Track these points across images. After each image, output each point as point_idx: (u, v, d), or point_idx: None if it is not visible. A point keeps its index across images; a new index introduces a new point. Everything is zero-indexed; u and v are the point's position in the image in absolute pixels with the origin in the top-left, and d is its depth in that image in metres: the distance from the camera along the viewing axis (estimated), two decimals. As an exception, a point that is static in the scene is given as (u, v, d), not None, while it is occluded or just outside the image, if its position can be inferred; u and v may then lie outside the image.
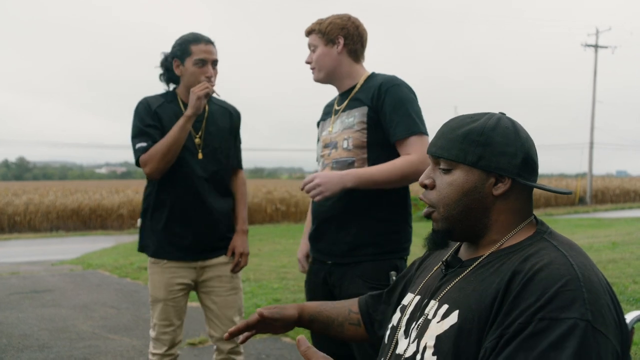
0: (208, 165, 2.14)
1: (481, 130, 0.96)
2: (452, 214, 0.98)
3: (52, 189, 22.91)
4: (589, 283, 0.83)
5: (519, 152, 0.95)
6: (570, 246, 0.92)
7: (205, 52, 2.09)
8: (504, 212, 0.97)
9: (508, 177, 0.95)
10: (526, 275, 0.85)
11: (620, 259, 6.80)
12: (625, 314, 1.06)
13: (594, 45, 27.14)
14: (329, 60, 1.92)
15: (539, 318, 0.80)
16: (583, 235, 10.40)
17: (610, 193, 29.00)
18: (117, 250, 10.11)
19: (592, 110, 27.20)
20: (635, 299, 4.48)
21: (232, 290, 2.22)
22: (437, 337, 0.92)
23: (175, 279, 2.13)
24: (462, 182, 0.97)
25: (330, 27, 1.90)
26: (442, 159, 0.99)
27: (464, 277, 0.97)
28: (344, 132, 1.86)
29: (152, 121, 2.08)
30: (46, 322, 4.38)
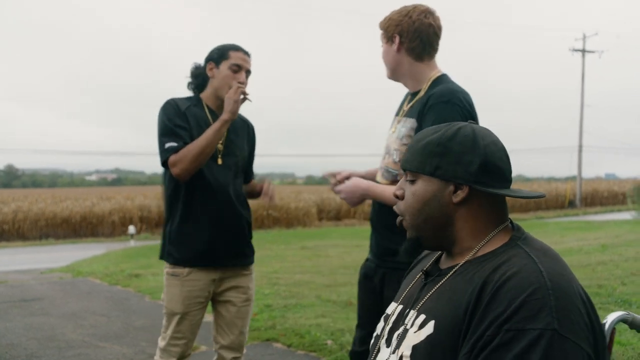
0: (227, 171, 2.13)
1: (438, 141, 1.00)
2: (417, 222, 1.02)
3: (42, 196, 22.71)
4: (558, 290, 0.84)
5: (476, 159, 0.97)
6: (543, 252, 0.93)
7: (243, 60, 2.12)
8: (469, 219, 0.99)
9: (465, 185, 0.97)
10: (495, 285, 0.87)
11: (610, 261, 6.86)
12: (610, 315, 1.07)
13: (582, 50, 27.45)
14: (389, 59, 1.84)
15: (505, 329, 0.82)
16: (573, 238, 10.48)
17: (599, 196, 29.27)
18: (107, 257, 10.03)
19: (581, 113, 27.48)
20: (624, 300, 4.52)
21: (247, 302, 2.21)
22: (413, 347, 0.93)
23: (194, 292, 2.09)
24: (422, 192, 1.01)
25: (388, 24, 1.82)
26: (407, 171, 1.04)
27: (441, 286, 0.99)
28: (396, 140, 1.82)
29: (182, 122, 2.06)
30: (34, 331, 4.33)
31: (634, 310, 4.22)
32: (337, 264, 8.04)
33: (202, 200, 2.08)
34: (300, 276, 6.79)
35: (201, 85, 2.18)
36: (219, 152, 2.12)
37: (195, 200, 2.08)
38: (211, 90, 2.15)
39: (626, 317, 1.07)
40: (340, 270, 7.31)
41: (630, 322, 1.08)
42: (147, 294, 5.92)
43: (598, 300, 4.48)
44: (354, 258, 8.68)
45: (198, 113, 2.12)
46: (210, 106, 2.15)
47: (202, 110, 2.14)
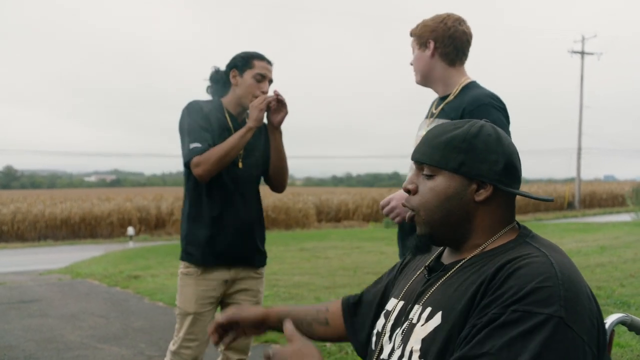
0: (246, 175, 2.18)
1: (463, 137, 0.97)
2: (434, 218, 1.00)
3: (40, 197, 22.69)
4: (568, 282, 0.85)
5: (501, 159, 0.97)
6: (552, 248, 0.94)
7: (266, 69, 2.16)
8: (486, 217, 0.99)
9: (490, 184, 0.96)
10: (507, 272, 0.87)
11: (608, 263, 6.86)
12: (609, 316, 1.07)
13: (580, 51, 27.50)
14: (422, 64, 1.89)
15: (512, 310, 0.82)
16: (572, 239, 10.48)
17: (598, 198, 29.30)
18: (106, 258, 10.02)
19: (580, 115, 27.52)
20: (622, 302, 4.53)
21: (256, 305, 2.23)
22: (422, 340, 0.92)
23: (207, 292, 2.12)
24: (444, 188, 0.98)
25: (422, 30, 1.87)
26: (425, 165, 1.01)
27: (446, 279, 0.98)
28: None
29: (206, 124, 2.10)
30: (33, 332, 4.32)
31: (632, 311, 4.23)
32: (337, 265, 8.04)
33: (221, 202, 2.12)
34: (299, 278, 6.79)
35: (220, 90, 2.22)
36: (240, 156, 2.17)
37: (214, 201, 2.12)
38: (233, 97, 2.18)
39: (625, 319, 1.07)
40: (339, 271, 7.31)
41: (629, 324, 1.08)
42: (146, 295, 5.91)
43: (597, 302, 4.48)
44: (353, 260, 8.68)
45: (219, 117, 2.16)
46: (230, 111, 2.19)
47: (222, 115, 2.17)
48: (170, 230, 18.04)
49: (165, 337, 4.07)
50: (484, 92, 1.80)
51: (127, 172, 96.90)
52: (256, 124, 2.07)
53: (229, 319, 1.27)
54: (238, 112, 2.20)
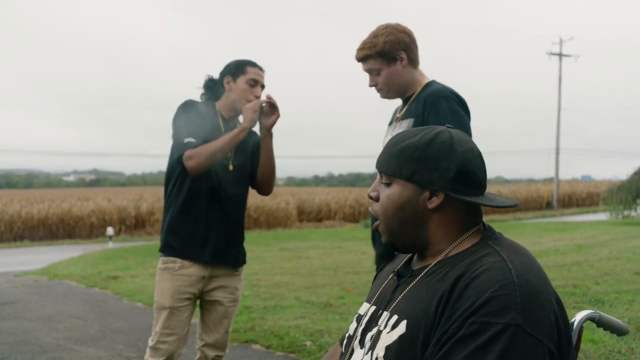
0: (236, 177, 2.25)
1: (416, 146, 0.99)
2: (392, 226, 1.02)
3: (17, 197, 22.23)
4: (525, 286, 0.86)
5: (452, 166, 0.97)
6: (514, 250, 0.94)
7: (258, 75, 2.26)
8: (442, 224, 1.00)
9: (441, 192, 0.98)
10: (465, 282, 0.88)
11: (584, 261, 7.00)
12: (578, 313, 1.10)
13: (558, 53, 27.98)
14: (398, 78, 1.90)
15: (470, 322, 0.83)
16: (550, 238, 10.66)
17: (576, 197, 29.85)
18: (85, 259, 9.86)
19: (558, 116, 27.99)
20: (597, 299, 4.62)
21: (233, 302, 2.28)
22: (386, 347, 0.94)
23: (184, 287, 2.15)
24: (397, 196, 1.01)
25: (389, 46, 1.87)
26: (383, 174, 1.04)
27: (413, 286, 0.99)
28: None
29: (200, 122, 2.17)
30: (6, 335, 4.23)
31: (606, 308, 4.32)
32: (317, 265, 8.04)
33: (207, 200, 2.18)
34: (280, 277, 6.78)
35: (213, 97, 2.31)
36: (230, 158, 2.25)
37: (201, 199, 2.18)
38: (227, 102, 2.26)
39: (593, 316, 1.09)
40: (320, 271, 7.32)
41: (597, 321, 1.10)
42: (125, 296, 5.84)
43: (573, 300, 4.57)
44: (334, 259, 8.69)
45: (213, 119, 2.24)
46: (223, 115, 2.27)
47: (215, 117, 2.25)
48: (151, 230, 17.84)
49: (144, 338, 4.03)
50: (444, 86, 1.87)
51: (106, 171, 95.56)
52: (250, 125, 2.14)
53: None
54: (230, 117, 2.28)
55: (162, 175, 2.41)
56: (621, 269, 6.22)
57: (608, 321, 1.11)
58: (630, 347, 3.31)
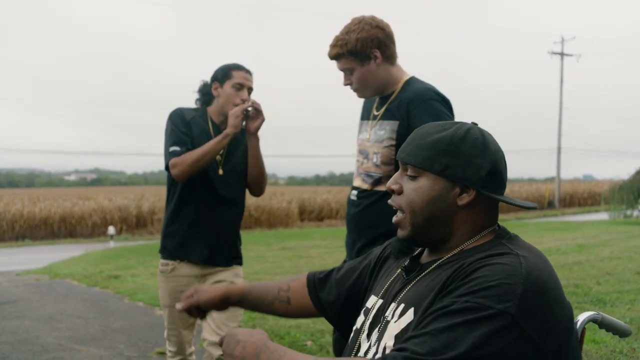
0: (226, 181, 2.31)
1: (450, 140, 0.97)
2: (417, 220, 1.00)
3: (18, 196, 22.26)
4: (533, 281, 0.84)
5: (486, 164, 0.96)
6: (527, 249, 0.93)
7: (244, 79, 2.29)
8: (467, 221, 0.99)
9: (473, 189, 0.96)
10: (473, 267, 0.88)
11: (586, 261, 6.99)
12: (580, 315, 1.09)
13: (560, 53, 27.94)
14: (372, 77, 1.83)
15: (465, 300, 0.83)
16: (551, 238, 10.65)
17: (577, 197, 29.81)
18: (86, 258, 9.88)
19: (560, 116, 27.96)
20: (599, 299, 4.61)
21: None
22: (395, 336, 0.93)
23: (178, 287, 2.27)
24: (427, 190, 0.98)
25: (360, 44, 1.77)
26: (409, 166, 1.00)
27: (422, 278, 0.99)
28: (375, 144, 1.84)
29: (186, 130, 2.25)
30: (7, 334, 4.23)
31: (608, 308, 4.31)
32: (318, 264, 8.04)
33: (200, 204, 2.27)
34: (281, 277, 6.77)
35: (208, 101, 2.38)
36: (220, 162, 2.30)
37: (193, 203, 2.27)
38: (217, 107, 2.33)
39: (596, 317, 1.08)
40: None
41: (599, 322, 1.10)
42: (126, 295, 5.84)
43: (574, 300, 4.56)
44: (335, 259, 8.69)
45: (202, 124, 2.31)
46: (214, 120, 2.33)
47: (206, 123, 2.32)
48: (152, 229, 17.85)
49: (145, 338, 4.03)
50: (426, 86, 1.80)
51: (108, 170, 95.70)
52: (233, 130, 2.18)
53: (188, 306, 1.32)
54: (221, 121, 2.33)
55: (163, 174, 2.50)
56: (623, 269, 6.21)
57: (610, 323, 1.11)
58: (632, 347, 3.30)
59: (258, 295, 1.33)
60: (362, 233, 1.88)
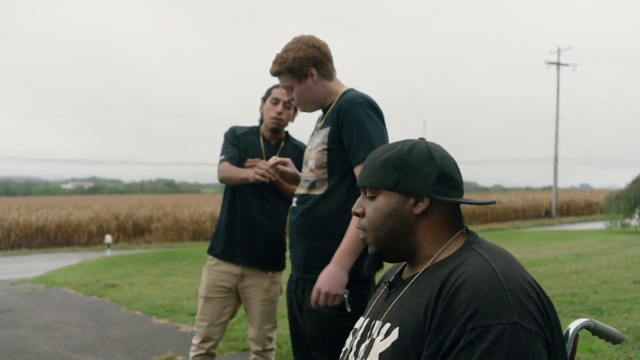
0: (274, 190, 2.44)
1: (397, 156, 1.04)
2: (380, 236, 1.05)
3: (15, 204, 22.19)
4: (512, 284, 0.88)
5: (434, 171, 1.02)
6: (495, 251, 0.98)
7: (280, 94, 2.45)
8: (429, 228, 1.03)
9: (426, 196, 1.01)
10: (453, 287, 0.90)
11: (583, 270, 7.00)
12: (573, 322, 1.11)
13: (556, 62, 28.12)
14: (309, 93, 1.90)
15: (470, 328, 0.85)
16: (548, 247, 10.66)
17: (575, 206, 29.86)
18: (83, 267, 9.84)
19: (556, 125, 28.09)
20: (596, 308, 4.62)
21: (266, 302, 2.49)
22: (380, 354, 0.96)
23: (217, 282, 2.47)
24: (384, 206, 1.04)
25: (297, 63, 1.85)
26: (367, 188, 1.07)
27: (403, 294, 1.02)
28: (312, 151, 1.90)
29: (234, 141, 2.52)
30: (3, 343, 4.22)
31: (604, 317, 4.32)
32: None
33: (244, 207, 2.46)
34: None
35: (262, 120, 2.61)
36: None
37: (239, 206, 2.47)
38: (264, 123, 2.55)
39: (588, 324, 1.10)
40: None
41: (592, 329, 1.11)
42: (123, 304, 5.82)
43: (571, 309, 4.57)
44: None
45: (252, 139, 2.55)
46: (264, 135, 2.56)
47: (257, 138, 2.55)
48: (149, 238, 17.81)
49: (142, 347, 4.02)
50: (358, 93, 1.87)
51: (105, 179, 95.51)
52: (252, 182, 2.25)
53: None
54: (269, 136, 2.55)
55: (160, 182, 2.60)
56: (620, 278, 6.23)
57: (603, 329, 1.12)
58: (628, 356, 3.31)
59: None
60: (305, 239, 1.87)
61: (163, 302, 5.72)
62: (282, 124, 2.50)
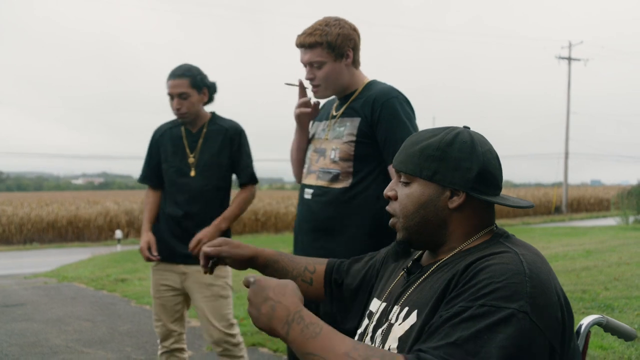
0: (199, 182, 2.39)
1: (437, 145, 1.00)
2: (410, 224, 1.03)
3: (27, 200, 22.43)
4: (536, 279, 0.87)
5: (474, 167, 0.98)
6: (525, 247, 0.96)
7: (171, 87, 2.33)
8: (461, 223, 1.01)
9: (462, 191, 0.98)
10: (477, 267, 0.89)
11: (594, 267, 6.94)
12: (585, 318, 1.10)
13: (568, 57, 27.84)
14: (339, 76, 1.81)
15: (480, 304, 0.84)
16: (559, 243, 10.59)
17: (585, 202, 29.60)
18: (93, 262, 9.93)
19: (567, 120, 27.83)
20: (607, 305, 4.58)
21: (211, 298, 2.37)
22: (399, 338, 0.95)
23: (160, 280, 2.45)
24: (418, 195, 1.01)
25: (341, 40, 1.76)
26: (402, 173, 1.04)
27: (423, 280, 1.00)
28: (334, 141, 1.82)
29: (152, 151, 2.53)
30: (16, 337, 4.27)
31: (616, 314, 4.28)
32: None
33: (170, 205, 2.43)
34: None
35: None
36: (192, 165, 2.41)
37: (166, 206, 2.45)
38: None
39: (600, 321, 1.09)
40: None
41: (604, 325, 1.10)
42: (133, 298, 5.87)
43: (582, 305, 4.53)
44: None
45: (175, 133, 2.47)
46: (186, 125, 2.46)
47: (179, 130, 2.47)
48: (159, 233, 17.91)
49: (152, 341, 4.05)
50: (390, 86, 1.83)
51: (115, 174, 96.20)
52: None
53: (217, 252, 1.31)
54: (190, 125, 2.45)
55: None
56: (631, 275, 6.17)
57: (615, 326, 1.11)
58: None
59: (284, 266, 1.33)
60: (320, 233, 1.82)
61: (172, 297, 5.76)
62: (187, 116, 2.37)
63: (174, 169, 2.42)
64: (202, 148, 2.41)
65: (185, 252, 2.36)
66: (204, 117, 2.45)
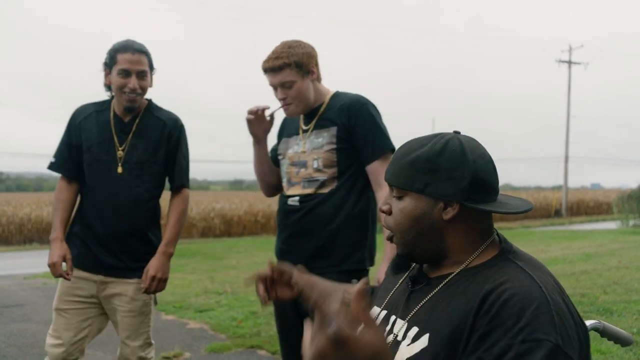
0: (127, 180, 2.04)
1: (427, 157, 0.96)
2: (407, 239, 1.00)
3: (27, 200, 22.42)
4: (557, 305, 0.86)
5: (466, 175, 0.95)
6: (536, 267, 0.94)
7: (130, 62, 1.97)
8: (458, 234, 0.98)
9: (456, 202, 0.96)
10: (499, 298, 0.86)
11: (593, 270, 6.94)
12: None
13: (568, 61, 27.86)
14: (308, 92, 1.91)
15: (521, 340, 0.81)
16: (558, 247, 10.58)
17: (585, 205, 29.59)
18: (92, 263, 9.90)
19: (567, 124, 27.84)
20: (605, 309, 4.58)
21: (131, 313, 2.05)
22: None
23: (71, 290, 2.06)
24: (411, 209, 0.98)
25: (306, 59, 1.87)
26: (394, 187, 1.01)
27: (433, 296, 0.97)
28: (313, 152, 1.91)
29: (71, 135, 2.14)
30: (15, 337, 4.27)
31: (614, 318, 4.28)
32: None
33: (92, 206, 2.07)
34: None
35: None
36: (120, 159, 2.05)
37: (86, 205, 2.09)
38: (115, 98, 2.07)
39: (597, 326, 1.09)
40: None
41: (601, 331, 1.10)
42: (132, 300, 5.86)
43: (581, 309, 4.53)
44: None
45: (101, 119, 2.09)
46: (116, 112, 2.09)
47: (107, 116, 2.09)
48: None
49: (150, 343, 4.05)
50: (357, 95, 1.95)
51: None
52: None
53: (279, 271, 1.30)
54: (122, 113, 2.07)
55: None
56: (630, 279, 6.17)
57: (612, 331, 1.11)
58: (639, 357, 3.28)
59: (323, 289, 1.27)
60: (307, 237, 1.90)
61: (171, 299, 5.75)
62: (139, 101, 2.03)
63: (98, 162, 2.04)
64: (133, 141, 2.05)
65: (111, 263, 2.03)
66: (140, 105, 2.08)
